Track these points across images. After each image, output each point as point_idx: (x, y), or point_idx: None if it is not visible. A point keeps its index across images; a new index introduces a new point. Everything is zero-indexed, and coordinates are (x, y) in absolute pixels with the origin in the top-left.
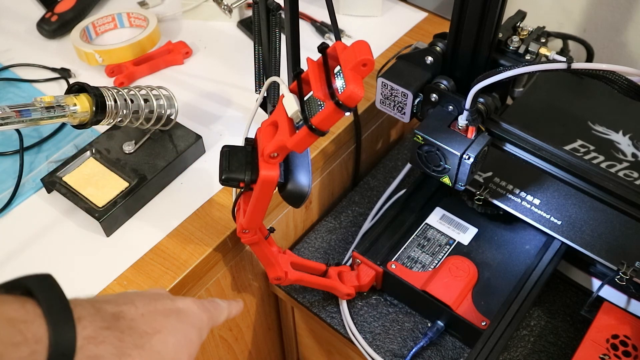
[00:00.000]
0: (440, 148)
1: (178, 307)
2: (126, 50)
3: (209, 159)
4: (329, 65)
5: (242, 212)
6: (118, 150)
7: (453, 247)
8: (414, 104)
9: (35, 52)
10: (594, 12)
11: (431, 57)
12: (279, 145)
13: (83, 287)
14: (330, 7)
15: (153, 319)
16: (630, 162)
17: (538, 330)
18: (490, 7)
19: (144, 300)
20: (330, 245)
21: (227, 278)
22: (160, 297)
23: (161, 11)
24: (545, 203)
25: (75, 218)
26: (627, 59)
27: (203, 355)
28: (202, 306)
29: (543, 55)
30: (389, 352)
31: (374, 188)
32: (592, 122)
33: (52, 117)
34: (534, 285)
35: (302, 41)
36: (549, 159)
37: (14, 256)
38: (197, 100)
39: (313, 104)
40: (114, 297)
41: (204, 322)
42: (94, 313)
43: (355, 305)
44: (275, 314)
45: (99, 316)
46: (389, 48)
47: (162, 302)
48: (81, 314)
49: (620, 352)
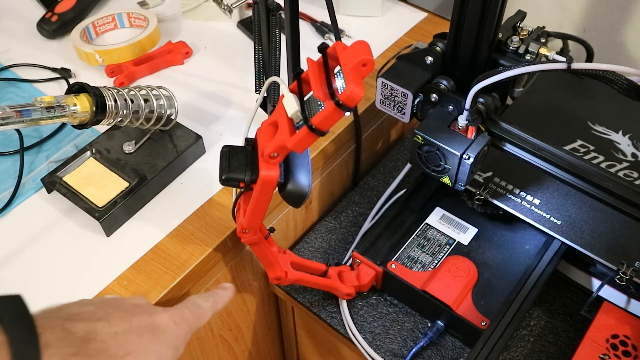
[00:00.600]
0: (440, 148)
1: (155, 323)
2: (126, 50)
3: (209, 159)
4: (329, 65)
5: (242, 212)
6: (118, 150)
7: (453, 247)
8: (414, 104)
9: (35, 52)
10: (594, 12)
11: (431, 57)
12: (279, 145)
13: (83, 287)
14: (330, 7)
15: (125, 339)
16: (630, 162)
17: (538, 330)
18: (490, 7)
19: (120, 314)
20: (330, 245)
21: (227, 278)
22: (138, 310)
23: (161, 11)
24: (545, 203)
25: (75, 218)
26: (626, 59)
27: (203, 355)
28: (181, 319)
29: (543, 55)
30: (389, 352)
31: (374, 188)
32: (592, 122)
33: (52, 117)
34: (533, 285)
35: (302, 41)
36: (549, 159)
37: (14, 256)
38: (197, 100)
39: (313, 104)
40: (90, 310)
41: (181, 338)
42: (62, 337)
43: (355, 305)
44: (275, 314)
45: (67, 340)
46: (389, 48)
47: (138, 317)
48: (49, 340)
49: (620, 352)
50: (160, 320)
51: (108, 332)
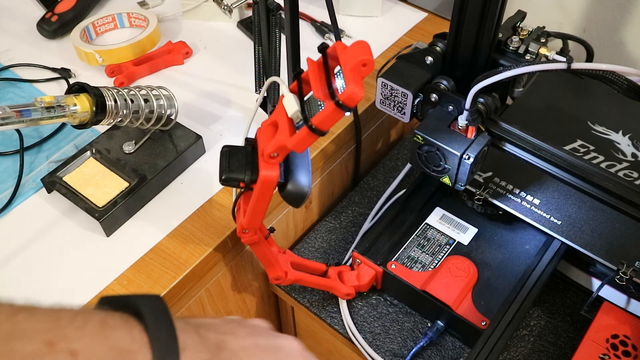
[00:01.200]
0: (440, 148)
1: (280, 344)
2: (126, 50)
3: (209, 159)
4: (329, 65)
5: (242, 212)
6: (118, 150)
7: (453, 247)
8: (414, 104)
9: (35, 52)
10: (594, 12)
11: (431, 57)
12: (279, 145)
13: (83, 287)
14: (330, 7)
15: (253, 353)
16: (630, 162)
17: (538, 330)
18: (490, 7)
19: (245, 330)
20: (330, 245)
21: (227, 278)
22: (261, 330)
23: (161, 11)
24: (545, 203)
25: (75, 218)
26: (626, 59)
27: None
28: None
29: (543, 55)
30: (389, 352)
31: (374, 188)
32: (592, 122)
33: (52, 117)
34: (533, 285)
35: (302, 41)
36: (549, 159)
37: (14, 256)
38: (197, 100)
39: (313, 104)
40: (216, 323)
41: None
42: (198, 342)
43: (355, 305)
44: (275, 314)
45: (203, 345)
46: (389, 48)
47: (263, 336)
48: (186, 343)
49: (620, 352)
50: (285, 341)
51: (237, 344)
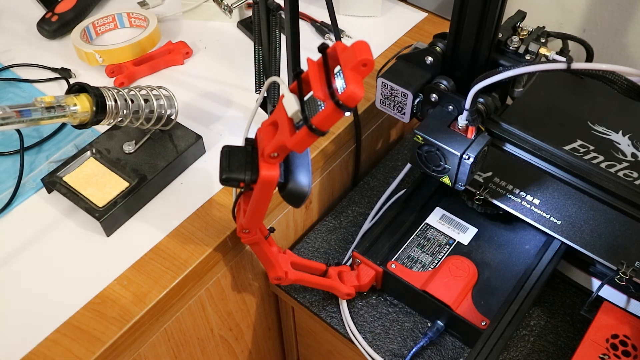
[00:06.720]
0: (440, 148)
1: None
2: (126, 50)
3: (209, 159)
4: (329, 65)
5: (242, 212)
6: (118, 150)
7: (453, 247)
8: (414, 104)
9: (35, 52)
10: (594, 12)
11: (431, 57)
12: (279, 145)
13: (83, 287)
14: (330, 7)
15: None
16: (630, 162)
17: (538, 330)
18: (490, 7)
19: None
20: (330, 245)
21: (227, 278)
22: None
23: (161, 11)
24: (545, 203)
25: (76, 218)
26: (627, 59)
27: (203, 355)
28: None
29: (543, 55)
30: (389, 352)
31: (374, 188)
32: (592, 122)
33: (53, 117)
34: (533, 285)
35: (302, 41)
36: (549, 159)
37: (14, 256)
38: (197, 100)
39: (313, 104)
40: None
41: None
42: None
43: (355, 305)
44: (275, 314)
45: None
46: (389, 48)
47: None
48: None
49: (620, 352)
50: None
51: None
